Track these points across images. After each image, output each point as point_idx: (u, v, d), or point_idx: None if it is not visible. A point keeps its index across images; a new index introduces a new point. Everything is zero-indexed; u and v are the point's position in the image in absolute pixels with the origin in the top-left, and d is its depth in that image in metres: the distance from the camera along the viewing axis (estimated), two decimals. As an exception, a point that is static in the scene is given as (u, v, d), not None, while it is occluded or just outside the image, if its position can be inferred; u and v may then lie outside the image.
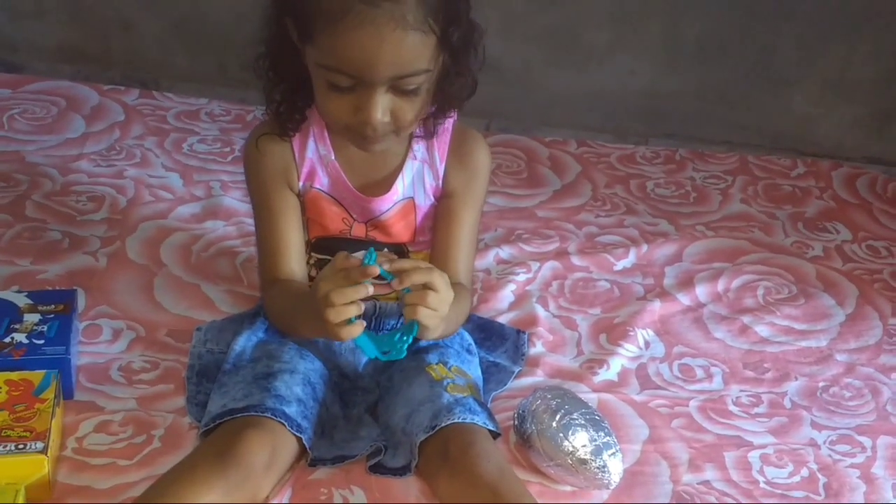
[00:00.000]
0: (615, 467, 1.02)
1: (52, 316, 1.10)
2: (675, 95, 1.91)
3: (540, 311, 1.31)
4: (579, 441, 1.01)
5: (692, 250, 1.49)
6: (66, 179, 1.47)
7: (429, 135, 1.07)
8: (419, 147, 1.08)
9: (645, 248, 1.47)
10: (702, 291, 1.39)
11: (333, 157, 1.07)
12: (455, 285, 1.01)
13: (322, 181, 1.08)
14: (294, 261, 1.08)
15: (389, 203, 1.09)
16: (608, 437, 1.02)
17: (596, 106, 1.91)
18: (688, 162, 1.73)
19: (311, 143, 1.07)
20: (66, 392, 1.06)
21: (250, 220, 1.40)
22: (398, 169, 1.08)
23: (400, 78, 0.94)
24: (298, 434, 0.98)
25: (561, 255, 1.44)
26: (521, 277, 1.37)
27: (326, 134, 1.07)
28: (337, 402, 1.08)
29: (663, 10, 1.85)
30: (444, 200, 1.10)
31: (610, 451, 1.02)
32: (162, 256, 1.33)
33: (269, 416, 0.96)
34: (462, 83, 1.01)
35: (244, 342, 1.10)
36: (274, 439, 0.95)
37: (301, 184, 1.08)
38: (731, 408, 1.19)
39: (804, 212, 1.62)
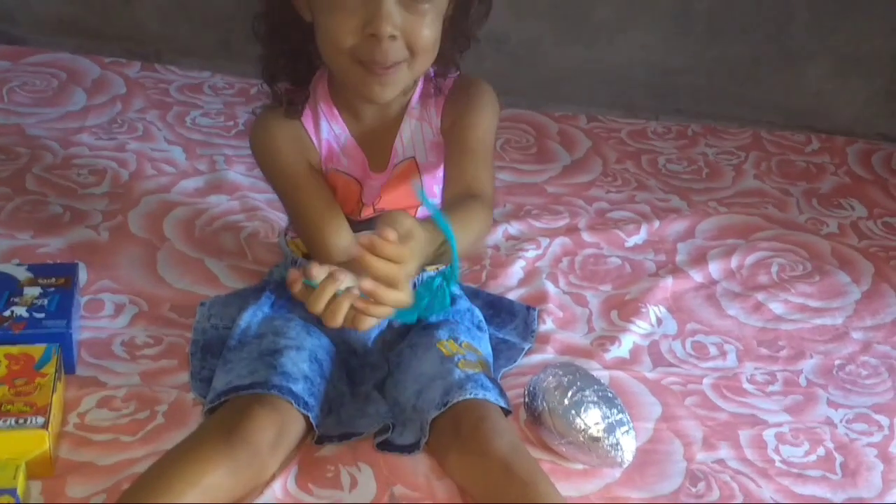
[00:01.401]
0: (628, 445, 0.99)
1: (52, 289, 1.08)
2: (686, 71, 1.87)
3: (550, 288, 1.29)
4: (591, 418, 0.99)
5: (705, 227, 1.46)
6: (67, 153, 1.44)
7: (432, 92, 1.02)
8: (416, 106, 1.04)
9: (657, 224, 1.45)
10: (715, 268, 1.37)
11: (349, 135, 1.03)
12: (470, 199, 0.94)
13: (342, 162, 1.04)
14: (344, 238, 1.01)
15: (391, 169, 1.05)
16: (621, 415, 1.00)
17: (605, 82, 1.87)
18: (700, 137, 1.71)
19: (323, 124, 1.03)
20: (68, 367, 1.04)
21: (254, 194, 1.40)
22: (396, 130, 1.04)
23: None
24: (305, 412, 0.96)
25: (571, 231, 1.41)
26: (531, 254, 1.35)
27: (336, 112, 1.03)
28: (344, 379, 1.06)
29: (674, -17, 1.81)
30: (445, 136, 1.04)
31: (623, 429, 0.99)
32: (165, 231, 1.30)
33: (276, 393, 0.94)
34: (477, 10, 0.97)
35: (249, 317, 1.07)
36: (280, 417, 0.93)
37: (324, 167, 1.04)
38: (746, 386, 1.17)
39: (819, 188, 1.60)
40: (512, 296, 1.26)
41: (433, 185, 1.07)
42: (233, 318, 1.10)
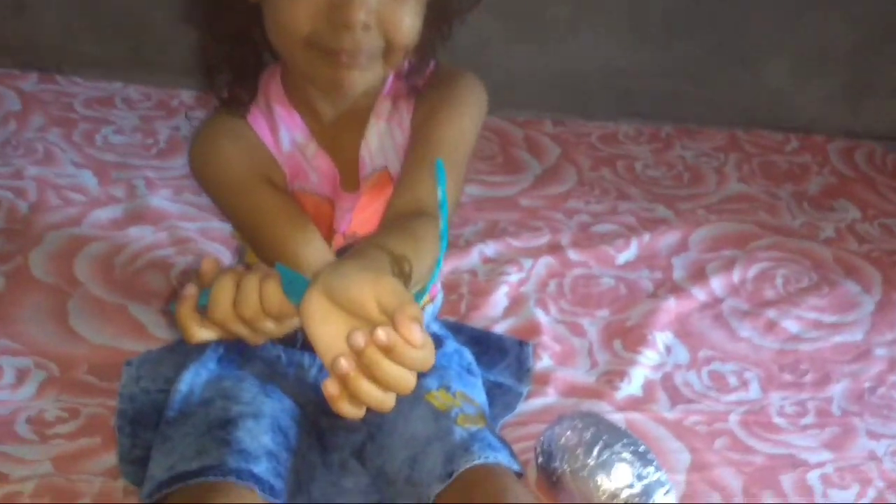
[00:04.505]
0: (669, 509, 0.83)
1: (-67, 359, 0.85)
2: (643, 73, 1.76)
3: (541, 317, 1.12)
4: (623, 480, 0.83)
5: (697, 237, 1.33)
6: (-51, 184, 1.22)
7: (404, 91, 0.83)
8: (384, 105, 0.84)
9: (647, 237, 1.31)
10: (717, 284, 1.23)
11: (315, 143, 0.83)
12: (420, 219, 0.72)
13: (310, 178, 0.84)
14: (319, 251, 0.79)
15: (362, 184, 0.85)
16: (658, 473, 0.84)
17: (558, 85, 1.75)
18: (674, 140, 1.58)
19: (283, 133, 0.83)
20: (-43, 457, 0.82)
21: (185, 223, 1.20)
22: (362, 135, 0.84)
23: None
24: (272, 498, 0.76)
25: (554, 249, 1.26)
26: (514, 277, 1.18)
27: (296, 115, 0.83)
28: (315, 447, 0.87)
29: (629, -20, 1.69)
30: (413, 132, 0.84)
31: (662, 490, 0.83)
32: (76, 273, 1.11)
33: (234, 479, 0.74)
34: None
35: (191, 378, 0.87)
36: None
37: (291, 185, 0.83)
38: (776, 420, 1.03)
39: (806, 190, 1.50)
40: (499, 329, 1.10)
41: None
42: (168, 379, 0.90)
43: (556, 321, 1.13)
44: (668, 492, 0.83)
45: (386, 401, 0.53)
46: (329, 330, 0.53)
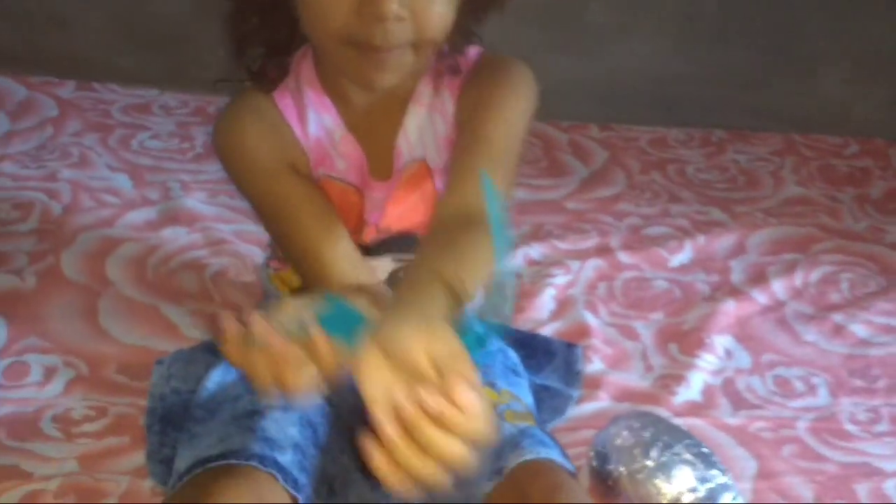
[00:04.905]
0: (736, 516, 0.76)
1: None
2: (692, 80, 1.70)
3: (590, 319, 1.07)
4: (685, 483, 0.76)
5: (755, 240, 1.27)
6: (-16, 185, 1.21)
7: (445, 73, 0.79)
8: (425, 91, 0.80)
9: (701, 239, 1.24)
10: (779, 287, 1.17)
11: (344, 128, 0.80)
12: (468, 227, 0.67)
13: (336, 165, 0.80)
14: (346, 255, 0.76)
15: (397, 174, 0.81)
16: (724, 477, 0.77)
17: (604, 94, 1.70)
18: (727, 144, 1.53)
19: (310, 115, 0.79)
20: (-21, 455, 0.78)
21: (220, 225, 1.16)
22: (400, 123, 0.80)
23: None
24: (295, 492, 0.70)
25: (603, 251, 1.20)
26: (561, 280, 1.13)
27: (327, 99, 0.79)
28: (348, 450, 0.81)
29: (677, -15, 1.65)
30: (459, 128, 0.79)
31: (729, 495, 0.76)
32: (108, 273, 1.08)
33: (256, 464, 0.69)
34: None
35: (220, 377, 0.82)
36: (261, 496, 0.68)
37: (314, 173, 0.80)
38: (848, 427, 0.96)
39: (869, 193, 1.43)
40: (545, 331, 1.05)
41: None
42: (199, 378, 0.85)
43: (606, 324, 1.07)
44: (734, 498, 0.76)
45: (438, 475, 0.49)
46: (379, 378, 0.51)
